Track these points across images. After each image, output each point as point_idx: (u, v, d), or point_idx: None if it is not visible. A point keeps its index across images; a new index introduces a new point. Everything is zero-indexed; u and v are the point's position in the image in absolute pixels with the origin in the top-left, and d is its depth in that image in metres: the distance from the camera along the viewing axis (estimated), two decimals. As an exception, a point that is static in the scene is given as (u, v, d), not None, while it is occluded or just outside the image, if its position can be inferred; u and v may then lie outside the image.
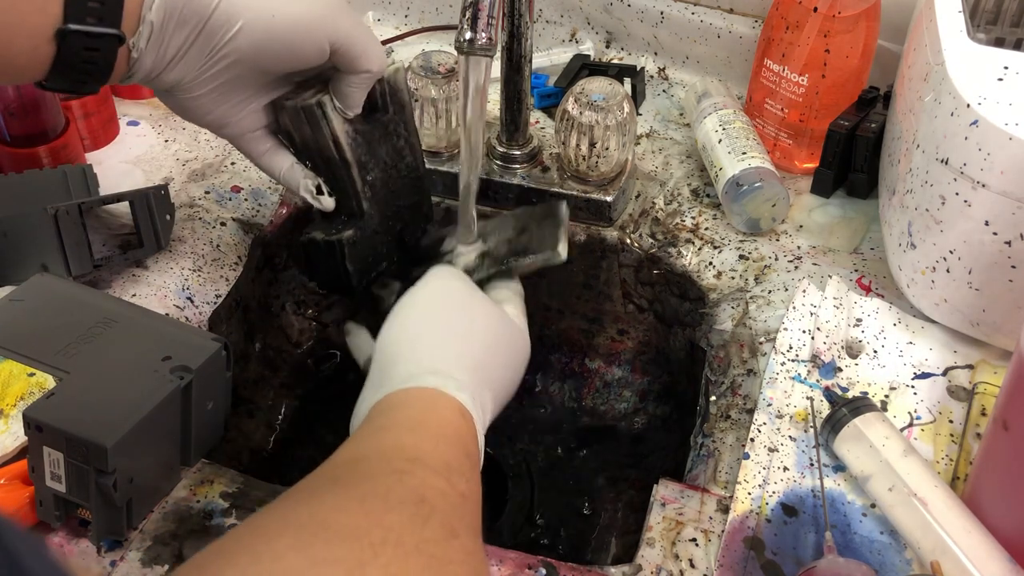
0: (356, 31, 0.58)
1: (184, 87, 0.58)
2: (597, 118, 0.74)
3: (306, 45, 0.57)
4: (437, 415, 0.50)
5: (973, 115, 0.56)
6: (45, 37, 0.50)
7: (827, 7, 0.75)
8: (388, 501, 0.41)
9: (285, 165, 0.64)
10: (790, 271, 0.74)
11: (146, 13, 0.52)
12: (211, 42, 0.55)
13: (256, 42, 0.56)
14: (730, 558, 0.55)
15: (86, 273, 0.68)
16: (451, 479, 0.45)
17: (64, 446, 0.52)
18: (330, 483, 0.44)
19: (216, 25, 0.54)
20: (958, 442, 0.61)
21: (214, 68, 0.57)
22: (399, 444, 0.47)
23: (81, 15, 0.50)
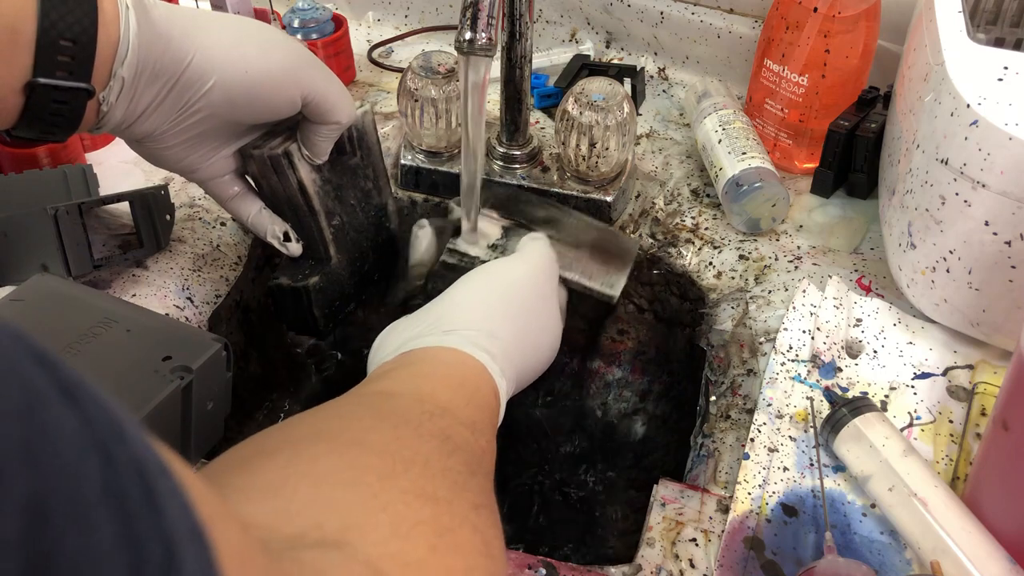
0: (327, 84, 0.59)
1: (155, 139, 0.58)
2: (597, 118, 0.74)
3: (278, 98, 0.58)
4: (476, 385, 0.53)
5: (973, 115, 0.56)
6: (14, 89, 0.49)
7: (827, 7, 0.75)
8: (419, 431, 0.44)
9: (253, 211, 0.65)
10: (790, 271, 0.74)
11: (117, 68, 0.52)
12: (184, 97, 0.55)
13: (229, 96, 0.56)
14: (730, 558, 0.55)
15: (86, 273, 0.68)
16: (475, 433, 0.48)
17: (64, 446, 0.51)
18: (365, 407, 0.46)
19: (189, 81, 0.55)
20: (958, 442, 0.61)
21: (186, 122, 0.57)
22: (434, 394, 0.49)
23: (51, 69, 0.49)
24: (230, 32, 0.56)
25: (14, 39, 0.48)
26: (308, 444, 0.40)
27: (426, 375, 0.52)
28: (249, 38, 0.56)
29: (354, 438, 0.42)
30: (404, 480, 0.39)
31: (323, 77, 0.59)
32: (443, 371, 0.53)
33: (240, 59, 0.55)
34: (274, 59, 0.57)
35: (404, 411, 0.46)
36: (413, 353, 0.54)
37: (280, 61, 0.57)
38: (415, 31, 1.02)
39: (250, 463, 0.39)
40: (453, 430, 0.46)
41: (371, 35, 1.02)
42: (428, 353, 0.54)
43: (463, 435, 0.46)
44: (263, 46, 0.57)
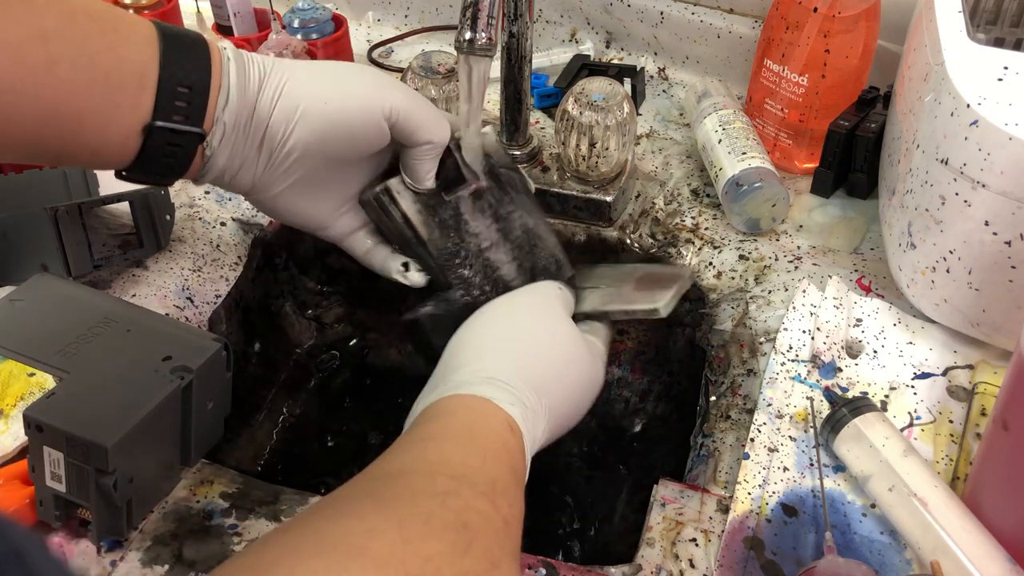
0: (410, 104, 0.59)
1: (260, 187, 0.59)
2: (597, 118, 0.74)
3: (363, 126, 0.58)
4: (485, 426, 0.50)
5: (973, 115, 0.56)
6: (135, 131, 0.53)
7: (827, 7, 0.75)
8: (429, 525, 0.41)
9: (380, 256, 0.65)
10: (790, 271, 0.74)
11: (220, 114, 0.55)
12: (276, 138, 0.57)
13: (316, 131, 0.57)
14: (730, 558, 0.55)
15: (86, 273, 0.68)
16: (496, 501, 0.44)
17: (64, 446, 0.52)
18: (369, 499, 0.43)
19: (277, 122, 0.57)
20: (958, 442, 0.61)
21: (283, 164, 0.58)
22: (444, 459, 0.46)
23: (169, 113, 0.53)
24: (308, 70, 0.58)
25: (140, 85, 0.52)
26: (308, 558, 0.37)
27: (432, 435, 0.49)
28: (325, 73, 0.58)
29: (355, 548, 0.38)
30: None
31: (405, 98, 0.59)
32: (450, 424, 0.50)
33: (318, 91, 0.57)
34: (350, 87, 0.58)
35: (413, 497, 0.43)
36: (420, 416, 0.52)
37: (357, 87, 0.58)
38: (415, 31, 1.02)
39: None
40: (470, 511, 0.42)
41: (371, 35, 1.02)
42: (435, 408, 0.51)
43: (482, 512, 0.43)
44: (339, 78, 0.58)
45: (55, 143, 0.51)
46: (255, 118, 0.56)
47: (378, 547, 0.38)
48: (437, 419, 0.51)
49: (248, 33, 0.93)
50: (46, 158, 0.57)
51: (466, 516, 0.42)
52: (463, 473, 0.45)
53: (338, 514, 0.41)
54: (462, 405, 0.51)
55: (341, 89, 0.58)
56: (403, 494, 0.43)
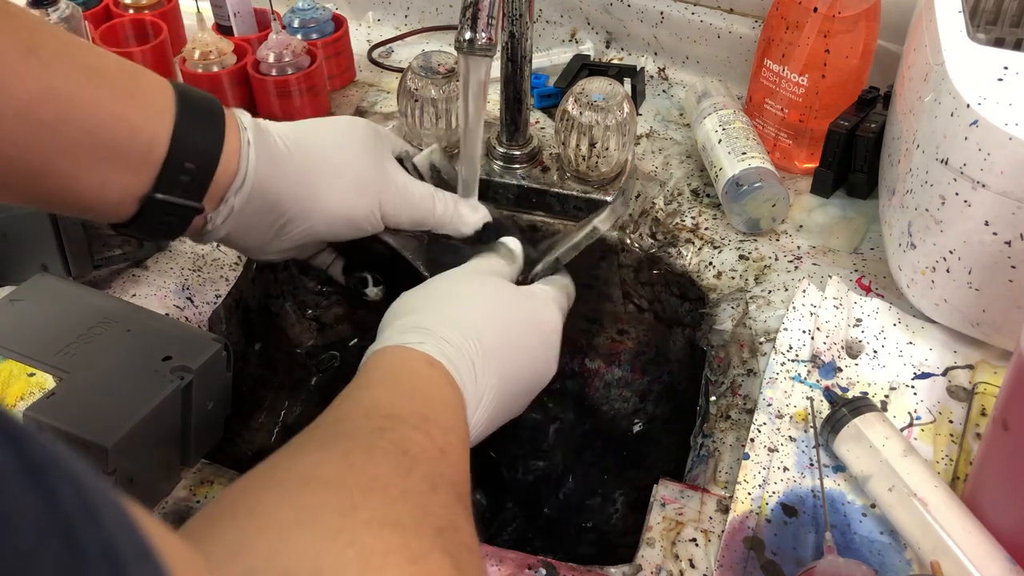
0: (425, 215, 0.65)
1: (256, 251, 0.62)
2: (597, 118, 0.74)
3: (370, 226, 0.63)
4: (405, 368, 0.52)
5: (973, 115, 0.56)
6: (133, 197, 0.53)
7: (827, 7, 0.75)
8: (371, 453, 0.43)
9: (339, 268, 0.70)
10: (790, 271, 0.74)
11: (230, 197, 0.56)
12: (288, 228, 0.60)
13: (330, 226, 0.61)
14: (730, 558, 0.55)
15: (86, 273, 0.68)
16: (430, 432, 0.46)
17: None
18: (314, 441, 0.45)
19: (294, 216, 0.59)
20: (958, 442, 0.61)
21: (287, 244, 0.61)
22: (376, 402, 0.48)
23: (170, 187, 0.53)
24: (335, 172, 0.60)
25: (146, 156, 0.52)
26: (261, 494, 0.39)
27: (363, 385, 0.51)
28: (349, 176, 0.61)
29: (305, 476, 0.40)
30: (365, 511, 0.38)
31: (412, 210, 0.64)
32: (378, 373, 0.51)
33: (341, 200, 0.60)
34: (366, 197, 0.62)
35: (353, 434, 0.45)
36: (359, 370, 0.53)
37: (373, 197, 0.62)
38: (415, 31, 1.02)
39: (209, 528, 0.38)
40: (407, 441, 0.45)
41: (371, 35, 1.02)
42: (363, 366, 0.53)
43: (418, 442, 0.45)
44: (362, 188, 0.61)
45: (49, 195, 0.51)
46: (272, 207, 0.58)
47: (327, 472, 0.41)
48: (364, 373, 0.52)
49: (248, 33, 0.93)
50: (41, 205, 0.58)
51: (404, 445, 0.44)
52: (394, 412, 0.47)
53: (284, 457, 0.43)
54: (384, 356, 0.53)
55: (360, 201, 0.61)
56: (343, 433, 0.45)
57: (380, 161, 0.63)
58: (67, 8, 0.85)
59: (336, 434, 0.45)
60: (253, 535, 0.36)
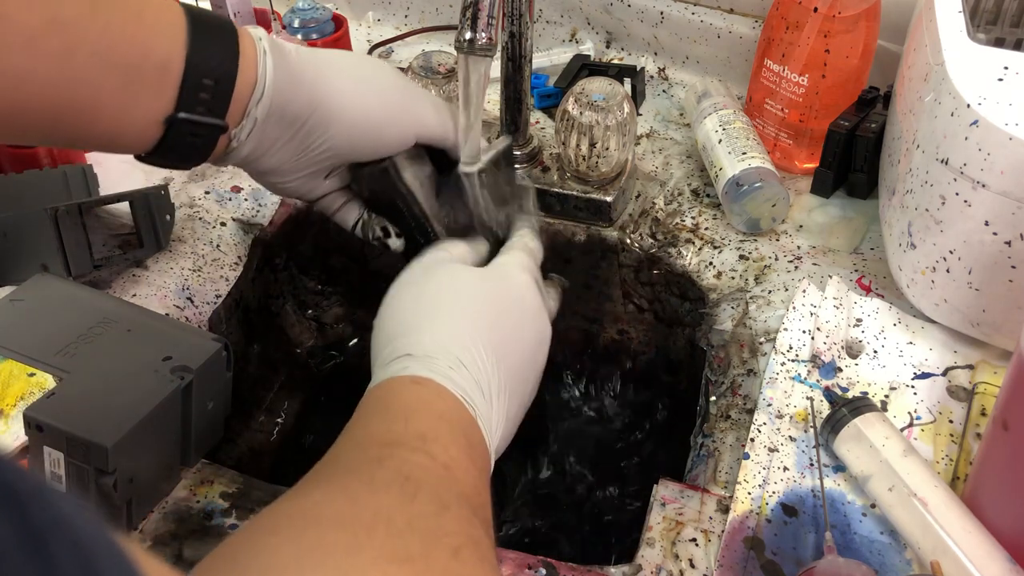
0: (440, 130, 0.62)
1: (278, 174, 0.60)
2: (597, 118, 0.74)
3: (395, 140, 0.60)
4: (393, 392, 0.50)
5: (973, 115, 0.56)
6: (156, 121, 0.52)
7: (827, 7, 0.75)
8: (372, 485, 0.42)
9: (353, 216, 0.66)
10: (790, 271, 0.74)
11: (251, 108, 0.54)
12: (309, 139, 0.58)
13: (351, 140, 0.58)
14: (730, 558, 0.55)
15: (86, 273, 0.68)
16: (430, 451, 0.45)
17: (64, 446, 0.52)
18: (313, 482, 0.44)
19: (315, 125, 0.57)
20: (958, 442, 0.61)
21: (309, 160, 0.59)
22: (370, 433, 0.47)
23: (192, 105, 0.52)
24: (353, 78, 0.58)
25: (163, 77, 0.50)
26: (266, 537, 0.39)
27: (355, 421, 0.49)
28: (370, 85, 0.59)
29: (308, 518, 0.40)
30: (370, 549, 0.38)
31: (438, 122, 0.61)
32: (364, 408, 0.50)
33: (362, 106, 0.58)
34: (392, 105, 0.59)
35: (350, 468, 0.44)
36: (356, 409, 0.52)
37: (398, 107, 0.59)
38: (415, 31, 1.02)
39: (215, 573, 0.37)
40: (407, 465, 0.44)
41: (371, 35, 1.02)
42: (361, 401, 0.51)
43: (419, 464, 0.44)
44: (383, 94, 0.59)
45: (70, 130, 0.50)
46: (291, 116, 0.56)
47: (330, 511, 0.40)
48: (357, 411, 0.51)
49: (248, 33, 0.93)
50: (61, 142, 0.57)
51: (405, 470, 0.43)
52: (390, 439, 0.46)
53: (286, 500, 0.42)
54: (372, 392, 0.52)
55: (384, 109, 0.59)
56: (342, 468, 0.45)
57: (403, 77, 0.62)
58: (67, 8, 0.85)
59: (335, 471, 0.45)
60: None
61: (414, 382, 0.50)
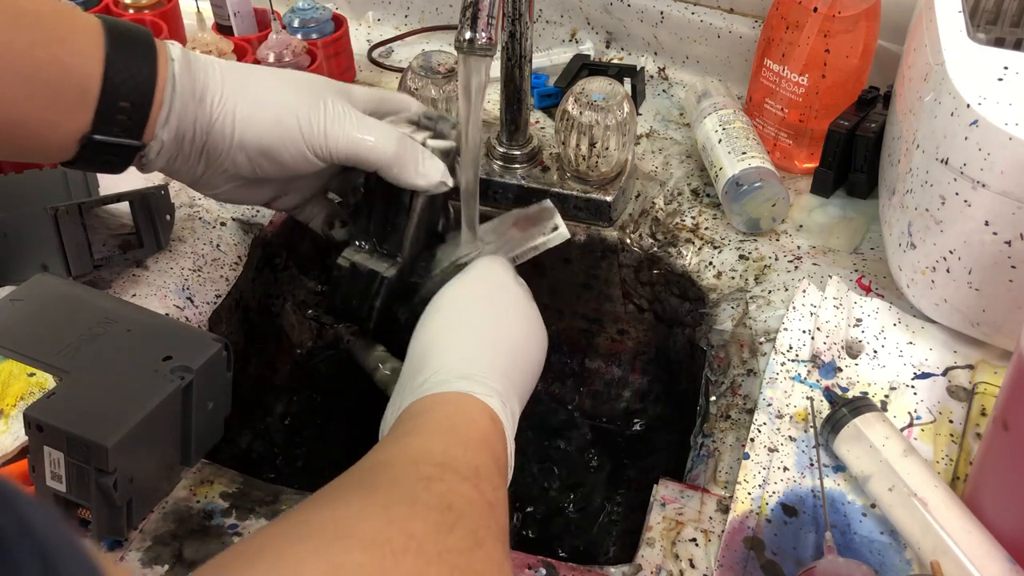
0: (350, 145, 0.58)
1: (200, 185, 0.61)
2: (597, 118, 0.74)
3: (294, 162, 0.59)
4: (466, 419, 0.50)
5: (973, 115, 0.56)
6: (73, 139, 0.53)
7: (827, 7, 0.75)
8: (414, 507, 0.41)
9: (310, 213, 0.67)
10: (790, 271, 0.74)
11: (159, 131, 0.55)
12: (211, 159, 0.58)
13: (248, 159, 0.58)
14: (730, 558, 0.55)
15: (86, 273, 0.68)
16: (479, 485, 0.45)
17: (64, 446, 0.52)
18: (356, 487, 0.44)
19: (211, 148, 0.57)
20: (958, 442, 0.61)
21: (219, 176, 0.59)
22: (427, 449, 0.47)
23: (108, 127, 0.53)
24: (256, 102, 0.57)
25: (82, 97, 0.52)
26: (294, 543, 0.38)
27: (414, 431, 0.49)
28: (269, 110, 0.57)
29: (341, 531, 0.39)
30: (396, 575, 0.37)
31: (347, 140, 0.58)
32: (431, 420, 0.50)
33: (255, 132, 0.57)
34: (290, 131, 0.57)
35: (397, 482, 0.44)
36: (401, 417, 0.52)
37: (294, 133, 0.58)
38: (415, 31, 1.02)
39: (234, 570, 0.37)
40: (454, 493, 0.43)
41: (371, 35, 1.02)
42: (412, 409, 0.52)
43: (466, 495, 0.43)
44: (281, 120, 0.57)
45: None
46: (192, 138, 0.57)
47: (364, 528, 0.39)
48: (417, 416, 0.51)
49: (248, 33, 0.93)
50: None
51: (450, 499, 0.43)
52: (445, 461, 0.46)
53: (324, 503, 0.42)
54: (441, 401, 0.52)
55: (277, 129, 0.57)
56: (387, 481, 0.44)
57: (316, 96, 0.59)
58: (67, 8, 0.85)
59: (379, 481, 0.44)
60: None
61: (490, 418, 0.51)
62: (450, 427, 0.49)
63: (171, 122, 0.55)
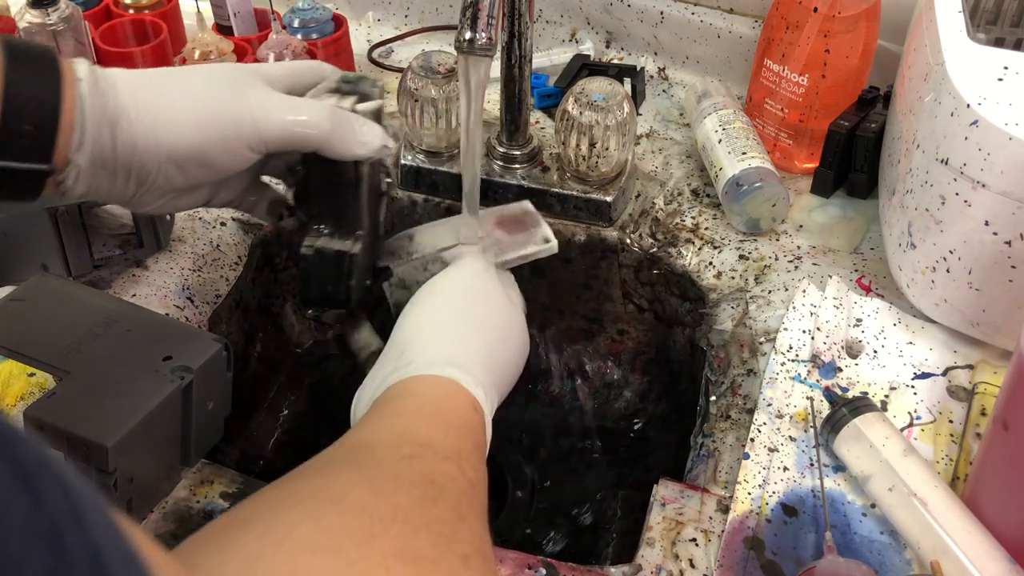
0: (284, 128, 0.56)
1: (132, 205, 0.57)
2: (597, 118, 0.74)
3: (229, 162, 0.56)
4: (451, 405, 0.51)
5: (973, 115, 0.56)
6: None
7: (827, 7, 0.75)
8: (398, 482, 0.42)
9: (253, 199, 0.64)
10: (790, 271, 0.74)
11: (73, 155, 0.51)
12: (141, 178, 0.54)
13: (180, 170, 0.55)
14: (730, 558, 0.55)
15: (86, 273, 0.68)
16: (461, 466, 0.46)
17: (65, 446, 0.52)
18: (343, 462, 0.45)
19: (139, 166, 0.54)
20: (958, 442, 0.61)
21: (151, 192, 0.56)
22: (411, 431, 0.48)
23: (11, 153, 0.49)
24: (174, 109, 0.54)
25: None
26: (286, 508, 0.39)
27: (399, 412, 0.50)
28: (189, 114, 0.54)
29: (333, 497, 0.40)
30: (383, 541, 0.38)
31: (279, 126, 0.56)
32: (416, 402, 0.51)
33: (180, 138, 0.54)
34: (213, 132, 0.55)
35: (382, 460, 0.45)
36: (384, 395, 0.53)
37: (219, 130, 0.55)
38: (415, 31, 1.02)
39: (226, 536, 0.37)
40: (436, 471, 0.44)
41: (371, 35, 1.02)
42: (396, 389, 0.52)
43: (448, 473, 0.45)
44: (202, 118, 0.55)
45: None
46: (115, 160, 0.53)
47: (353, 496, 0.40)
48: (403, 397, 0.52)
49: (248, 33, 0.93)
50: None
51: (432, 475, 0.44)
52: (427, 443, 0.47)
53: (311, 474, 0.43)
54: (428, 385, 0.52)
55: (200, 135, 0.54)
56: (371, 459, 0.45)
57: (234, 88, 0.56)
58: (67, 8, 0.85)
59: (365, 459, 0.45)
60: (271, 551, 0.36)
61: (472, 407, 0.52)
62: (435, 411, 0.50)
63: (86, 145, 0.51)
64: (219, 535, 0.38)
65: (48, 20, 0.84)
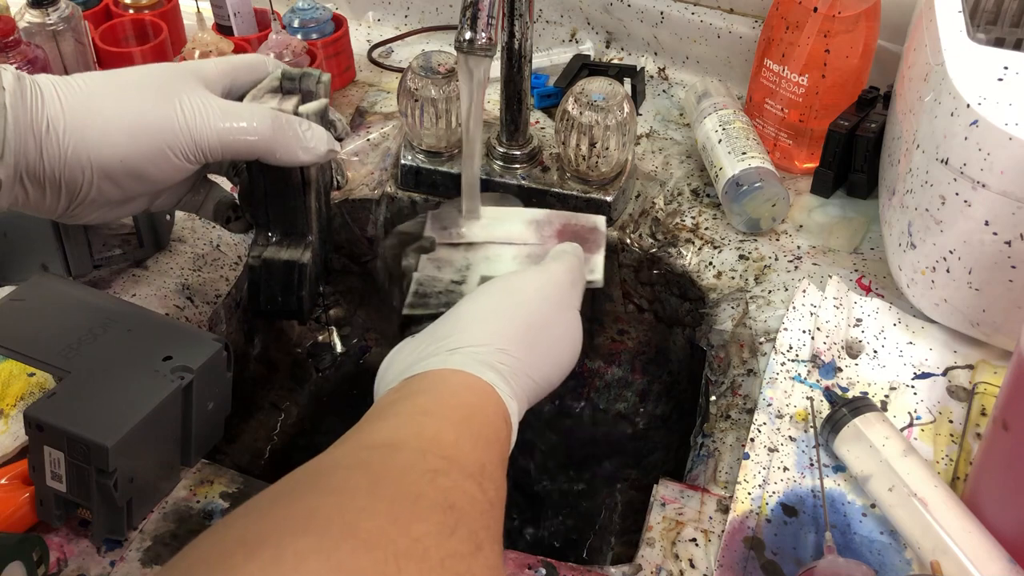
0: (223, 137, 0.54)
1: (64, 218, 0.55)
2: (597, 118, 0.74)
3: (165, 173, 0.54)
4: (483, 414, 0.49)
5: (973, 115, 0.56)
6: None
7: (827, 7, 0.75)
8: (417, 506, 0.41)
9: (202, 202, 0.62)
10: (790, 271, 0.74)
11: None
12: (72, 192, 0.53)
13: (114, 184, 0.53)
14: (730, 558, 0.55)
15: (86, 273, 0.68)
16: (483, 484, 0.44)
17: (65, 445, 0.52)
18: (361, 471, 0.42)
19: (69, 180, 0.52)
20: (958, 442, 0.61)
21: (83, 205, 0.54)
22: (438, 437, 0.46)
23: None
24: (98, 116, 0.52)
25: None
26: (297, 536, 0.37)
27: (430, 410, 0.48)
28: (117, 119, 0.52)
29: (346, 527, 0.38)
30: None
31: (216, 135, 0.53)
32: (449, 402, 0.49)
33: (111, 150, 0.52)
34: (146, 141, 0.53)
35: (404, 473, 0.42)
36: (416, 379, 0.50)
37: (152, 142, 0.53)
38: (415, 31, 1.02)
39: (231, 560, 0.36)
40: (458, 491, 0.42)
41: (371, 35, 1.02)
42: (432, 378, 0.50)
43: (469, 494, 0.43)
44: (134, 128, 0.53)
45: None
46: (45, 171, 0.51)
47: (368, 527, 0.38)
48: (435, 392, 0.49)
49: (248, 33, 0.93)
50: None
51: (453, 497, 0.42)
52: (454, 455, 0.45)
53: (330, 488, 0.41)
54: (464, 385, 0.50)
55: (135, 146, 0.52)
56: (394, 470, 0.43)
57: (167, 94, 0.53)
58: (67, 8, 0.86)
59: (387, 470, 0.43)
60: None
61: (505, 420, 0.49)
62: (465, 417, 0.48)
63: (7, 159, 0.49)
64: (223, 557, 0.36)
65: (48, 20, 0.84)
